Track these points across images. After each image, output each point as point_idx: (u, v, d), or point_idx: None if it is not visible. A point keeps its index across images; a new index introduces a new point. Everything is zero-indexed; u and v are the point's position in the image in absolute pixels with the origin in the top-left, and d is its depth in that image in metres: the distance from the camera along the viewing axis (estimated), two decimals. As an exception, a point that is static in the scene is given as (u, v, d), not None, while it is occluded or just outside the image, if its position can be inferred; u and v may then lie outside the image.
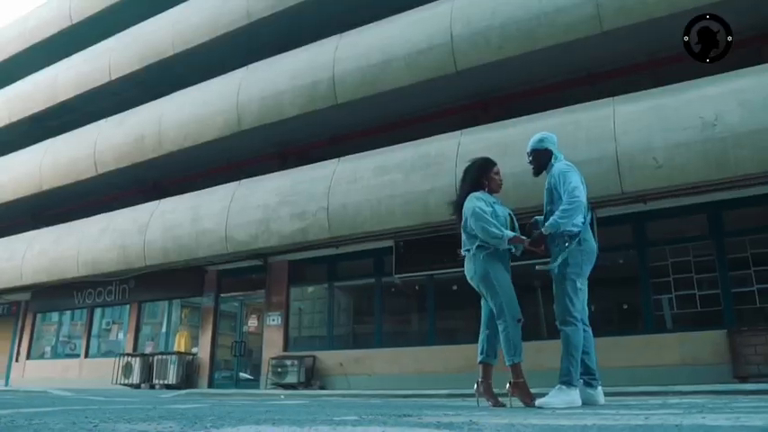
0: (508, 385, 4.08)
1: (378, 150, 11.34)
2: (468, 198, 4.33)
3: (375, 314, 12.69)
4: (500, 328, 4.07)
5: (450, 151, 10.29)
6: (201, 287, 15.06)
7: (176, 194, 14.68)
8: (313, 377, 12.66)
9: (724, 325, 9.16)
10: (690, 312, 9.68)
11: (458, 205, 4.48)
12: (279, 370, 12.64)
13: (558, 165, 4.29)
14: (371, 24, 12.16)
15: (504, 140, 9.92)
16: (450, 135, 10.60)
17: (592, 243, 4.19)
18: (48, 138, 17.91)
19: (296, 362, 12.51)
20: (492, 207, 4.27)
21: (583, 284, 4.10)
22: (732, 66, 8.69)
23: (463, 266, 4.37)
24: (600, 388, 4.14)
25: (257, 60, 13.85)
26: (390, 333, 12.61)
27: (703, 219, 9.88)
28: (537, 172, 4.48)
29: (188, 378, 14.35)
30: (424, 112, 12.49)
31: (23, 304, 19.43)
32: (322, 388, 12.33)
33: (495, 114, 11.39)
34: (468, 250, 4.30)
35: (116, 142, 15.42)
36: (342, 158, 11.87)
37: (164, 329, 16.06)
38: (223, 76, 14.18)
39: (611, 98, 9.38)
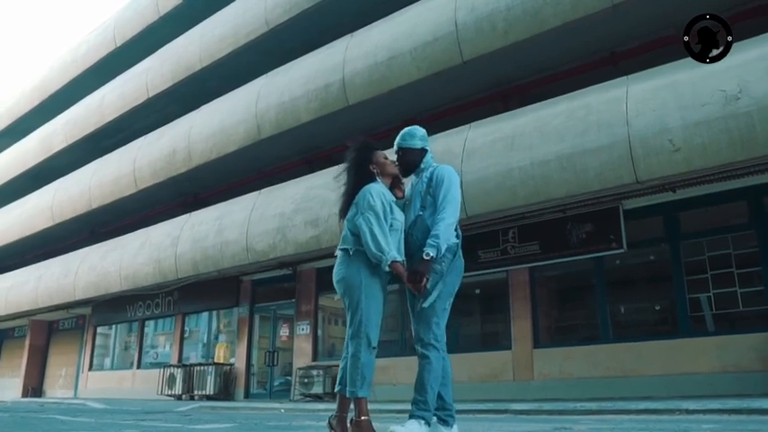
0: (349, 424, 3.38)
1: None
2: (366, 190, 3.53)
3: (398, 321, 12.18)
4: (350, 350, 3.41)
5: (456, 147, 9.64)
6: (237, 297, 15.10)
7: (213, 205, 14.75)
8: (340, 387, 12.29)
9: (771, 326, 8.04)
10: (731, 312, 8.58)
11: (346, 208, 3.64)
12: (305, 380, 12.38)
13: (447, 169, 3.61)
14: (379, 21, 11.69)
15: (513, 132, 9.22)
16: (458, 129, 9.97)
17: (462, 261, 3.54)
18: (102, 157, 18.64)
19: (321, 372, 12.20)
20: (391, 208, 3.53)
21: (449, 306, 3.44)
22: (761, 31, 7.63)
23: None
24: (455, 426, 3.45)
25: (280, 67, 13.71)
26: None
27: (743, 206, 8.74)
28: (407, 172, 3.74)
29: (226, 388, 14.37)
30: (441, 108, 11.89)
31: (87, 318, 20.33)
32: (348, 398, 11.94)
33: (516, 106, 10.62)
34: (347, 250, 3.53)
35: (152, 158, 15.74)
36: (354, 161, 11.44)
37: (204, 340, 16.25)
38: (245, 86, 14.15)
39: (624, 77, 8.46)
